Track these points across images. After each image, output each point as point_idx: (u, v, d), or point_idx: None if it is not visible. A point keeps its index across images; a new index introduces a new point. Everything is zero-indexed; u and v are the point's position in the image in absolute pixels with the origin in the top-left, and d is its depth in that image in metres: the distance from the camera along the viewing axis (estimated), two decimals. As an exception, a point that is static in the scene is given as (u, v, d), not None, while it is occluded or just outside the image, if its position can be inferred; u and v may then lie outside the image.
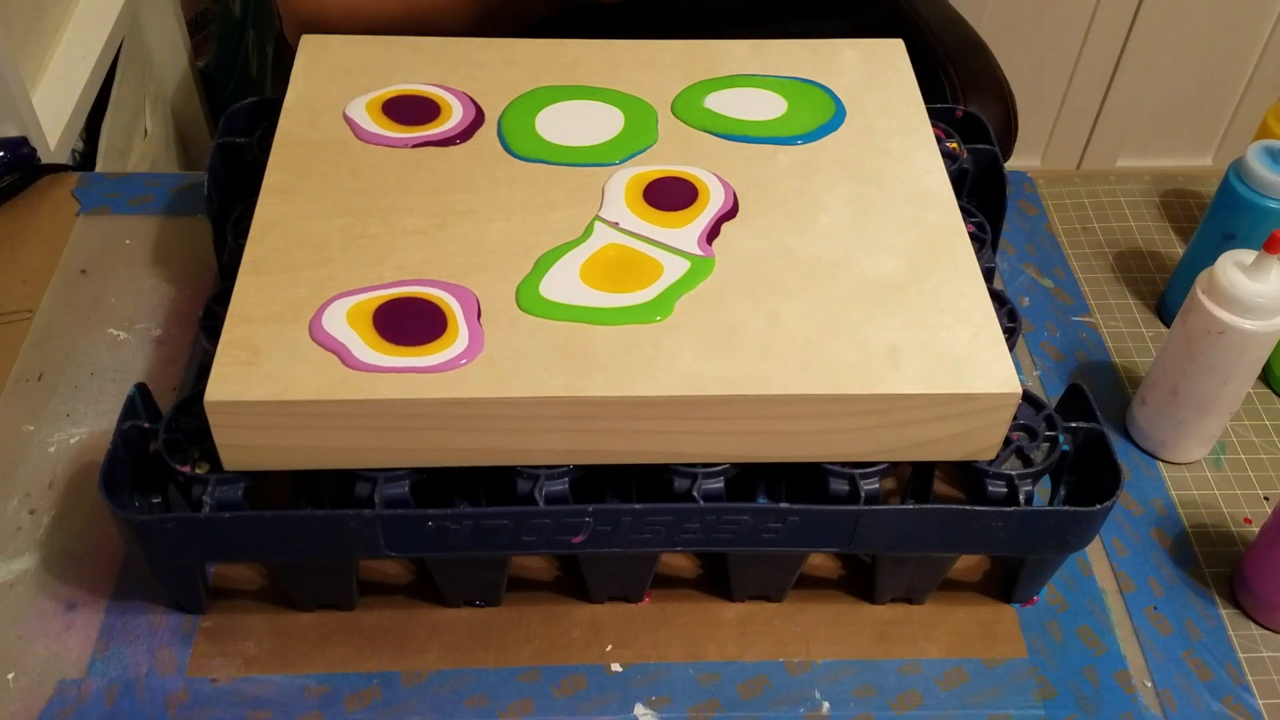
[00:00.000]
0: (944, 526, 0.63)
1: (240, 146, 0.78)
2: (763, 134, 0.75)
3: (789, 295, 0.65)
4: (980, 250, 0.73)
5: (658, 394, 0.60)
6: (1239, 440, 0.80)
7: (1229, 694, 0.67)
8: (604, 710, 0.65)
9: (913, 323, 0.64)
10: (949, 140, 0.81)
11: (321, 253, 0.66)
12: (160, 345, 0.81)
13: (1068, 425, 0.66)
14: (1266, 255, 0.68)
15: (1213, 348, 0.71)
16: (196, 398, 0.61)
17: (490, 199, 0.70)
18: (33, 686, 0.64)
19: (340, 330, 0.61)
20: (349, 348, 0.60)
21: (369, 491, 0.61)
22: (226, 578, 0.69)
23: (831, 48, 0.82)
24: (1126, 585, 0.72)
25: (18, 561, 0.69)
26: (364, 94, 0.75)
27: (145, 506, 0.64)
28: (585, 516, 0.61)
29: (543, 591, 0.70)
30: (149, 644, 0.66)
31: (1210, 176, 0.94)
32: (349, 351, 0.60)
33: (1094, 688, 0.67)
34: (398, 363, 0.60)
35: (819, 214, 0.70)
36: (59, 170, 0.93)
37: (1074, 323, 0.87)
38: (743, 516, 0.62)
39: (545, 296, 0.64)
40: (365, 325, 0.62)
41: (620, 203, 0.70)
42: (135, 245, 0.87)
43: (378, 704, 0.65)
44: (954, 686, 0.67)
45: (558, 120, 0.75)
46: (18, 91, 0.92)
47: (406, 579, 0.70)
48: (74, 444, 0.75)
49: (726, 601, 0.70)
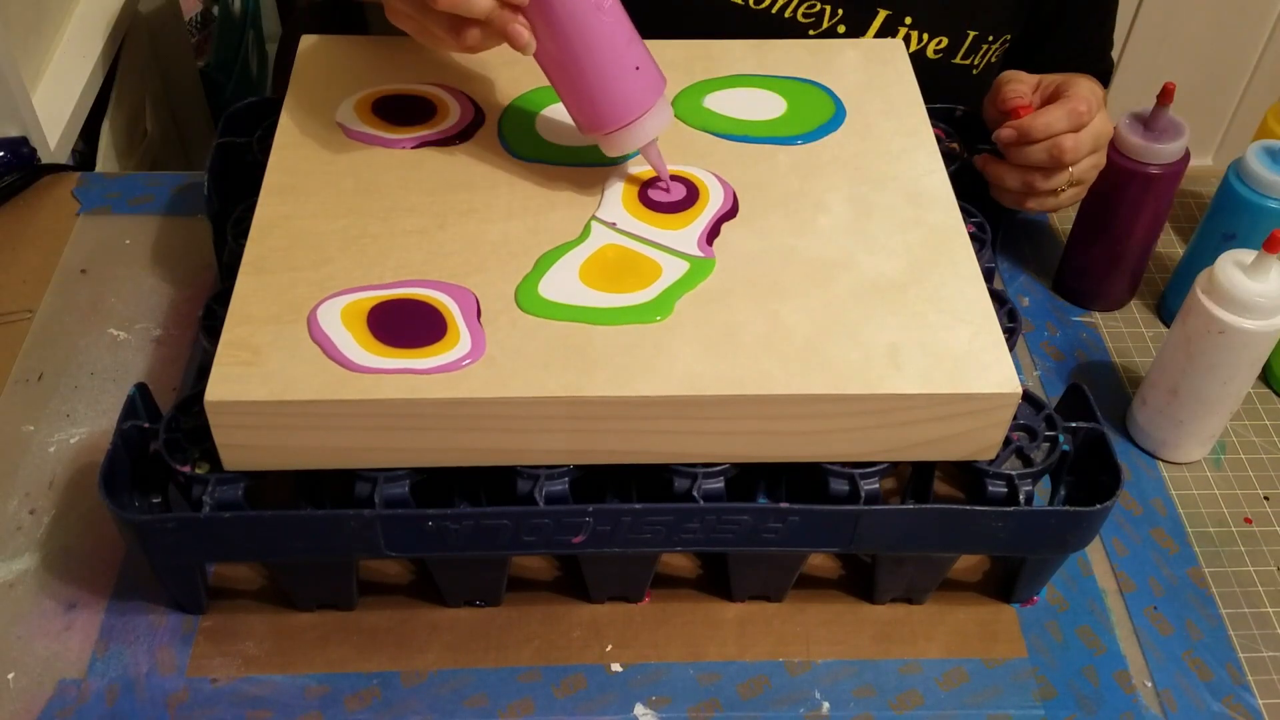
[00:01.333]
0: (944, 526, 0.63)
1: (240, 146, 0.78)
2: (763, 134, 0.75)
3: (789, 295, 0.65)
4: (980, 250, 0.73)
5: (658, 394, 0.60)
6: (1239, 440, 0.80)
7: (1229, 694, 0.67)
8: (604, 710, 0.65)
9: (913, 323, 0.64)
10: (949, 140, 0.81)
11: (321, 253, 0.66)
12: (160, 345, 0.81)
13: (1068, 425, 0.66)
14: (1266, 255, 0.68)
15: (1213, 348, 0.71)
16: (196, 398, 0.61)
17: (490, 199, 0.69)
18: (33, 686, 0.64)
19: (336, 332, 0.61)
20: (342, 350, 0.60)
21: (369, 491, 0.61)
22: (226, 578, 0.69)
23: (831, 48, 0.82)
24: (1126, 585, 0.72)
25: (18, 561, 0.69)
26: (352, 96, 0.75)
27: (145, 506, 0.64)
28: (585, 516, 0.61)
29: (543, 591, 0.70)
30: (149, 644, 0.66)
31: (1210, 176, 0.94)
32: (341, 352, 0.60)
33: (1094, 688, 0.67)
34: (397, 364, 0.60)
35: (819, 214, 0.70)
36: (59, 170, 0.93)
37: (1074, 323, 0.87)
38: (743, 516, 0.62)
39: (544, 296, 0.64)
40: (360, 327, 0.61)
41: (619, 204, 0.70)
42: (135, 245, 0.87)
43: (378, 704, 0.65)
44: (954, 686, 0.67)
45: (558, 120, 0.75)
46: (18, 91, 0.92)
47: (406, 579, 0.70)
48: (74, 444, 0.75)
49: (726, 601, 0.70)
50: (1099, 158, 0.79)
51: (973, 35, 0.91)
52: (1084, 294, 0.87)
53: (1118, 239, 0.83)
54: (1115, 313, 0.88)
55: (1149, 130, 0.78)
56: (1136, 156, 0.78)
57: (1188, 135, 0.78)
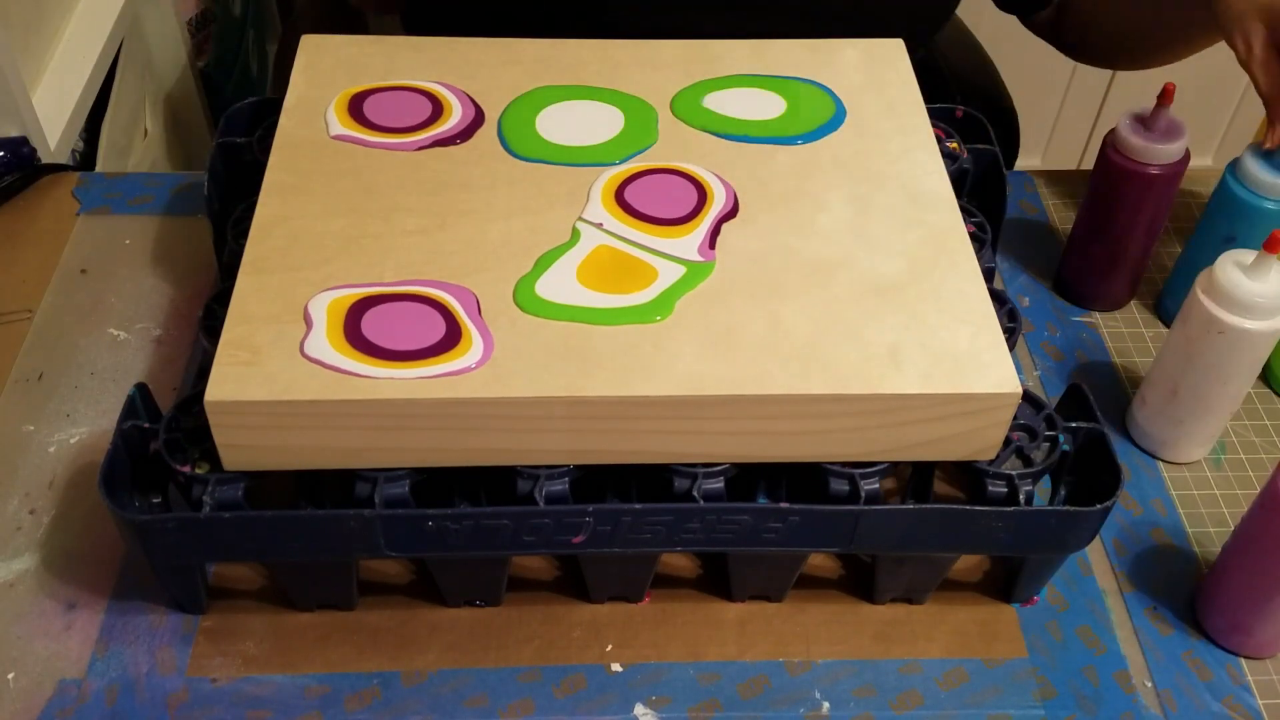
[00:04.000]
0: (944, 526, 0.63)
1: (240, 146, 0.78)
2: (763, 134, 0.75)
3: (789, 295, 0.65)
4: (980, 250, 0.73)
5: (658, 394, 0.60)
6: (1239, 440, 0.80)
7: (1229, 694, 0.67)
8: (604, 710, 0.65)
9: (913, 323, 0.64)
10: (949, 140, 0.81)
11: (321, 253, 0.66)
12: (160, 345, 0.81)
13: (1068, 425, 0.66)
14: (1266, 255, 0.68)
15: (1213, 348, 0.71)
16: (196, 398, 0.61)
17: (490, 199, 0.69)
18: (33, 686, 0.64)
19: (332, 359, 0.60)
20: (349, 370, 0.60)
21: (369, 491, 0.61)
22: (226, 578, 0.69)
23: (831, 48, 0.82)
24: (1126, 585, 0.72)
25: (18, 561, 0.69)
26: (351, 91, 0.75)
27: (145, 506, 0.64)
28: (585, 516, 0.61)
29: (543, 591, 0.70)
30: (149, 644, 0.66)
31: (1210, 177, 0.94)
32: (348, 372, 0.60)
33: (1094, 688, 0.67)
34: (410, 374, 0.60)
35: (819, 214, 0.70)
36: (59, 170, 0.93)
37: (1074, 323, 0.87)
38: (743, 516, 0.62)
39: (542, 296, 0.64)
40: (348, 348, 0.61)
41: (613, 206, 0.70)
42: (135, 245, 0.87)
43: (378, 704, 0.65)
44: (954, 686, 0.67)
45: (558, 120, 0.75)
46: (18, 91, 0.92)
47: (406, 579, 0.70)
48: (74, 444, 0.75)
49: (726, 601, 0.70)
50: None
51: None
52: (1084, 294, 0.87)
53: (1118, 239, 0.83)
54: (1115, 313, 0.88)
55: (1149, 130, 0.78)
56: (1136, 157, 0.78)
57: (1188, 135, 0.78)
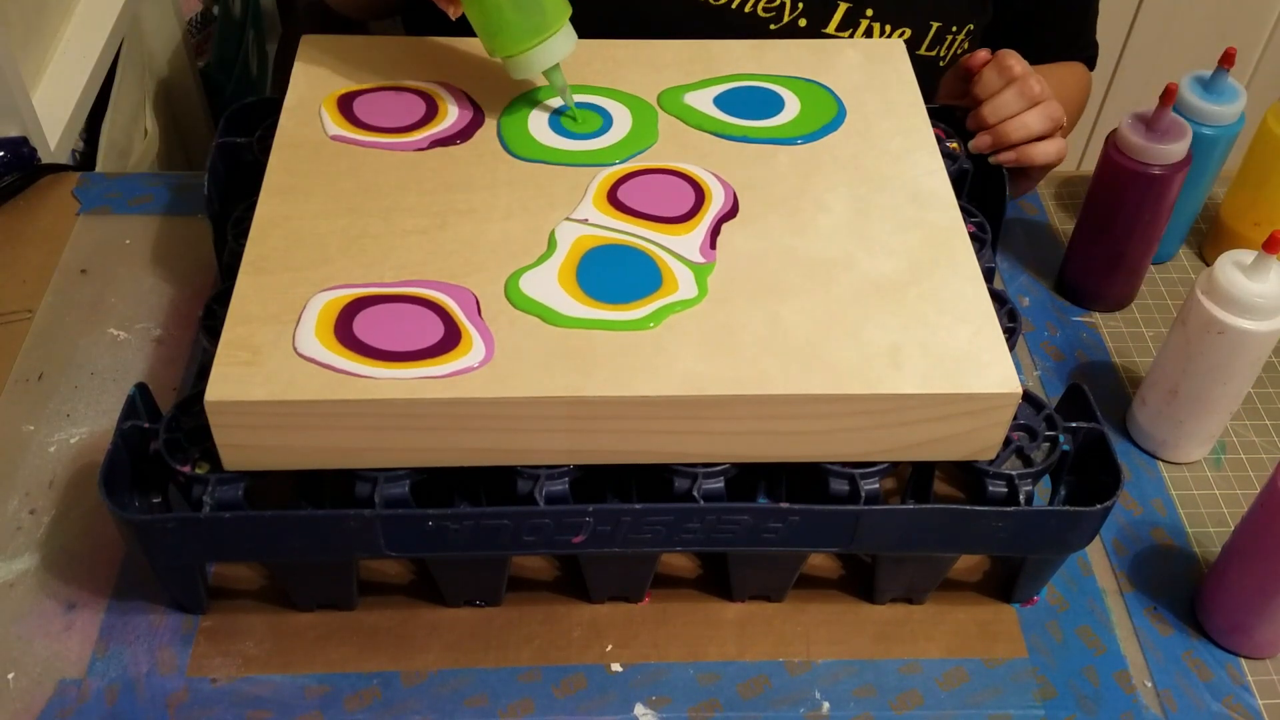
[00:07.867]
0: (944, 526, 0.63)
1: (240, 146, 0.78)
2: (763, 134, 0.75)
3: (789, 295, 0.65)
4: (980, 250, 0.73)
5: (658, 394, 0.60)
6: (1239, 440, 0.80)
7: (1229, 694, 0.67)
8: (604, 710, 0.65)
9: (913, 323, 0.64)
10: (949, 140, 0.81)
11: (321, 253, 0.66)
12: (160, 345, 0.81)
13: (1068, 425, 0.66)
14: (1266, 255, 0.68)
15: (1213, 348, 0.71)
16: (196, 398, 0.61)
17: (490, 199, 0.69)
18: (33, 686, 0.64)
19: (326, 358, 0.60)
20: (344, 369, 0.60)
21: (369, 491, 0.61)
22: (226, 578, 0.69)
23: (831, 48, 0.82)
24: (1126, 585, 0.72)
25: (18, 561, 0.69)
26: (349, 90, 0.75)
27: (145, 506, 0.64)
28: (585, 516, 0.61)
29: (543, 591, 0.70)
30: (149, 644, 0.66)
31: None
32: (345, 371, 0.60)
33: (1094, 688, 0.67)
34: (412, 374, 0.60)
35: (819, 214, 0.70)
36: (59, 170, 0.93)
37: (1074, 323, 0.87)
38: (743, 516, 0.62)
39: (525, 293, 0.64)
40: (339, 347, 0.61)
41: (604, 204, 0.70)
42: (135, 245, 0.87)
43: (378, 704, 0.64)
44: (954, 686, 0.67)
45: (557, 120, 0.75)
46: (18, 91, 0.92)
47: (406, 579, 0.70)
48: (74, 444, 0.75)
49: (726, 601, 0.70)
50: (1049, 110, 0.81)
51: (936, 26, 0.90)
52: (1084, 294, 0.87)
53: (1118, 239, 0.83)
54: (1115, 313, 0.88)
55: (1151, 131, 0.78)
56: (1138, 157, 0.78)
57: (1190, 136, 0.78)
